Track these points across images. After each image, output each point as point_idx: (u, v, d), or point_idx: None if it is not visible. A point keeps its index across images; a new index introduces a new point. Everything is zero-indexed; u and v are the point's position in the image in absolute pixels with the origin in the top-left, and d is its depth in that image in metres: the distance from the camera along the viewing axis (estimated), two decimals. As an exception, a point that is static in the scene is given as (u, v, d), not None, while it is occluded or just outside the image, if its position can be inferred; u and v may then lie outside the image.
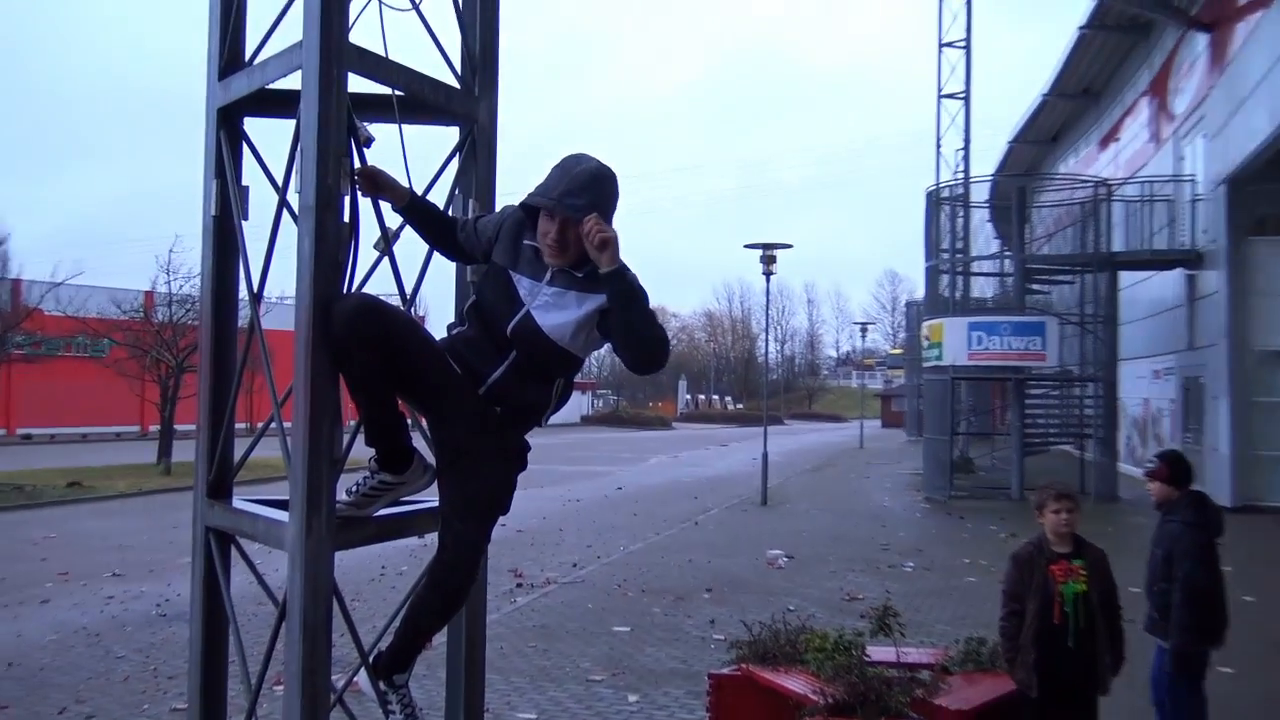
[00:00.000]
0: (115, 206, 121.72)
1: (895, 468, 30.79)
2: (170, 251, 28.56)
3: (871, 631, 5.86)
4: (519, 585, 11.44)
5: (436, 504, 3.51)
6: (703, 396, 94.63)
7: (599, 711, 7.01)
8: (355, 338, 2.99)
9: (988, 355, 21.09)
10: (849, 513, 19.12)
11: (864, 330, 65.32)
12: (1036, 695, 5.20)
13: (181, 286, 28.00)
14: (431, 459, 3.40)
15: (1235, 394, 19.56)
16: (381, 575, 11.84)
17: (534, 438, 3.34)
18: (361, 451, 3.34)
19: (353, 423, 3.39)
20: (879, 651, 5.94)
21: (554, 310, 3.14)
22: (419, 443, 3.44)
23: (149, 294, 30.69)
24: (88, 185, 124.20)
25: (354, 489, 3.30)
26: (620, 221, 3.17)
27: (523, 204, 3.22)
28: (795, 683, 5.57)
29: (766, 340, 28.31)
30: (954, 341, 21.33)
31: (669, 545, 14.68)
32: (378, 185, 3.33)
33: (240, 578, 3.63)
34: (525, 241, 3.21)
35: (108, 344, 33.30)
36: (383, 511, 3.48)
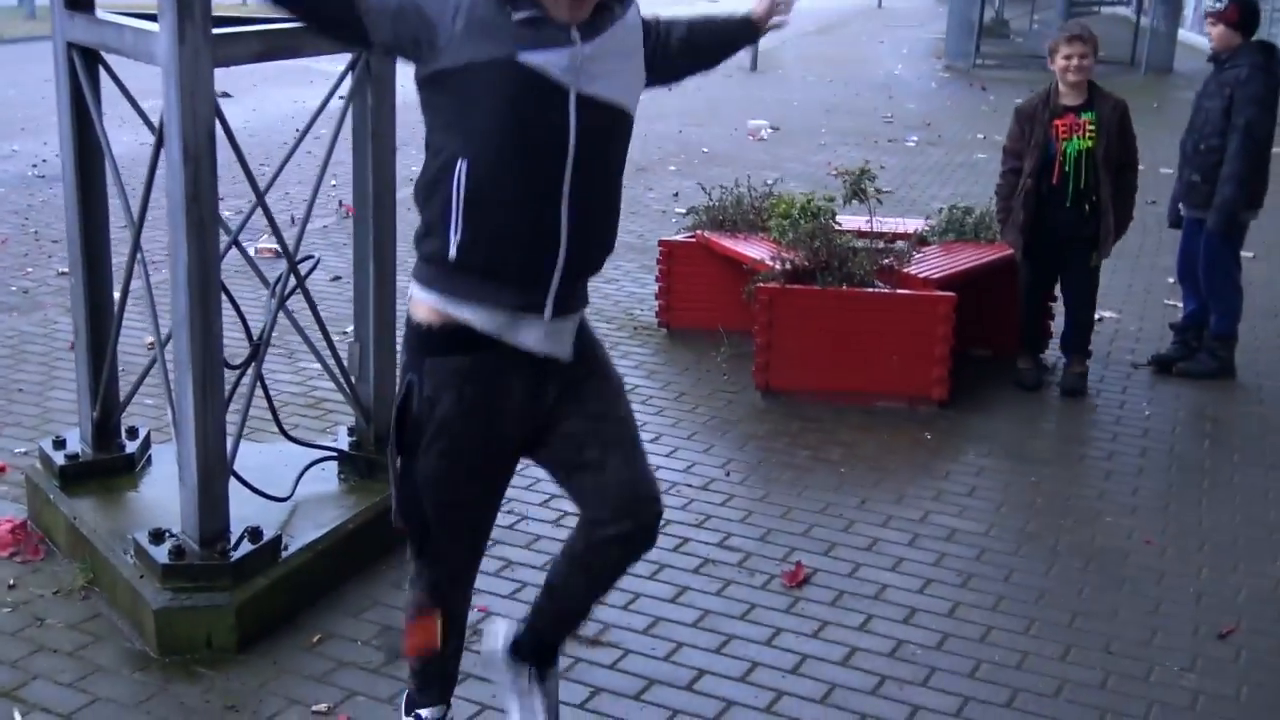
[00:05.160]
0: None
1: (917, 31, 30.34)
2: None
3: (845, 198, 6.10)
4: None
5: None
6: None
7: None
8: None
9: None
10: (852, 80, 19.12)
11: None
12: (1023, 257, 5.64)
13: None
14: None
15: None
16: (296, 136, 12.00)
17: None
18: None
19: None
20: (854, 221, 6.24)
21: (612, 77, 2.66)
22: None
23: None
24: None
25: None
26: None
27: None
28: (754, 249, 5.92)
29: None
30: None
31: (635, 113, 14.81)
32: None
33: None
34: (515, 16, 2.48)
35: None
36: (270, 27, 3.62)
